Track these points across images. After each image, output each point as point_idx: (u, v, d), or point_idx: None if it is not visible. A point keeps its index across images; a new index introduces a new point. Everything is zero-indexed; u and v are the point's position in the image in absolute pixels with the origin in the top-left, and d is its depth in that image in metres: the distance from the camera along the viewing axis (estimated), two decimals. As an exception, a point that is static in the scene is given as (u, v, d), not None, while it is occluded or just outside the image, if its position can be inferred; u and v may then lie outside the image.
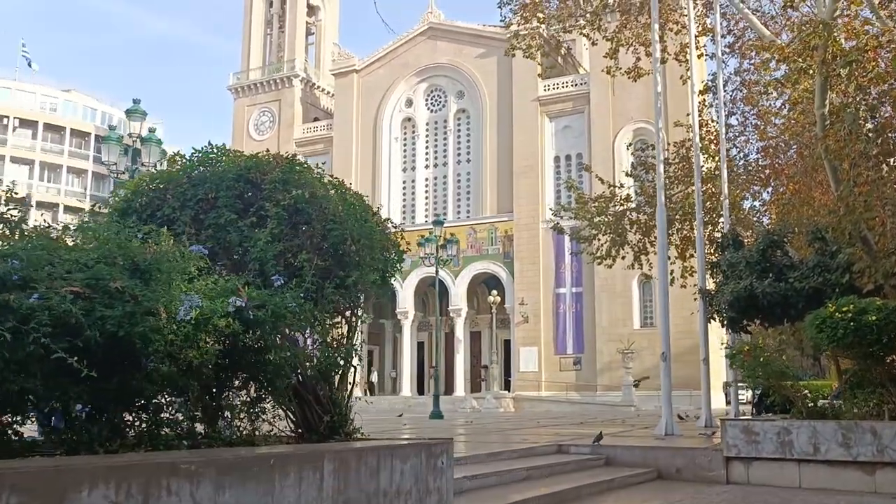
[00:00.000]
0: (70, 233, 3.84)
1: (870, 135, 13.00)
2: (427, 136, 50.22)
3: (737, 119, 21.14)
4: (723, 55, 19.71)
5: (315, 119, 55.06)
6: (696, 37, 19.59)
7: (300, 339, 4.46)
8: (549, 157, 45.50)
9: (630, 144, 30.19)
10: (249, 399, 4.11)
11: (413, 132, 50.57)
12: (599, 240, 22.73)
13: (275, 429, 4.48)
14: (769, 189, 21.25)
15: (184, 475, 2.78)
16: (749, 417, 11.99)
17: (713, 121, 20.29)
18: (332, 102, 54.28)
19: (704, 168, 20.49)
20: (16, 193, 3.72)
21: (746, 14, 18.21)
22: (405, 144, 50.87)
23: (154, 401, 3.63)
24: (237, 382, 4.07)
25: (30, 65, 67.75)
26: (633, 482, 8.86)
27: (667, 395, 12.48)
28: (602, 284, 41.21)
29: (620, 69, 20.34)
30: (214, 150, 4.86)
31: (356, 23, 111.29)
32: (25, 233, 3.62)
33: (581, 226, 23.76)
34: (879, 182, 12.80)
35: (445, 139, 49.54)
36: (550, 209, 39.49)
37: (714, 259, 15.42)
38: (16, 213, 3.60)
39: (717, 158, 18.34)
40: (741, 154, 21.49)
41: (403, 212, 49.86)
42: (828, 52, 12.57)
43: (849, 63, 11.86)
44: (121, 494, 2.63)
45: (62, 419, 3.47)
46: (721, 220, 18.06)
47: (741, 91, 20.47)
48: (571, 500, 7.31)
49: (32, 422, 3.63)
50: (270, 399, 4.22)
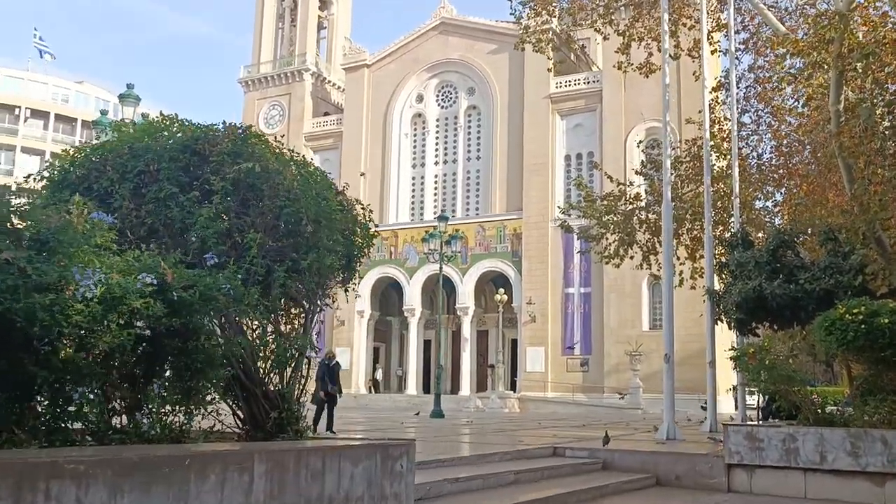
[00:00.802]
0: None
1: (886, 132, 12.59)
2: (437, 133, 49.78)
3: (750, 117, 20.79)
4: (737, 51, 19.31)
5: (325, 114, 54.73)
6: (710, 32, 19.18)
7: (257, 328, 4.09)
8: (560, 156, 44.98)
9: (641, 142, 29.65)
10: (180, 391, 3.72)
11: (423, 128, 50.16)
12: (608, 239, 22.40)
13: (219, 425, 4.10)
14: (782, 190, 20.82)
15: (69, 477, 2.37)
16: (753, 423, 11.57)
17: (726, 118, 19.86)
18: (343, 97, 53.97)
19: (716, 167, 20.07)
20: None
21: (761, 8, 17.77)
22: (415, 140, 50.45)
23: (61, 390, 3.23)
24: (168, 373, 3.69)
25: (42, 55, 67.74)
26: (629, 488, 8.48)
27: (669, 399, 12.07)
28: (611, 285, 40.70)
29: (632, 65, 20.02)
30: (164, 120, 4.48)
31: (369, 17, 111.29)
32: None
33: (589, 224, 23.36)
34: (895, 181, 12.39)
35: (455, 136, 49.10)
36: (559, 207, 39.03)
37: (724, 260, 15.01)
38: None
39: (729, 157, 17.92)
40: (754, 153, 21.10)
41: (412, 208, 49.50)
42: (844, 46, 12.13)
43: (865, 56, 11.40)
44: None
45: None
46: (732, 220, 17.64)
47: (755, 88, 20.09)
48: (560, 507, 6.94)
49: None
50: (215, 392, 3.83)
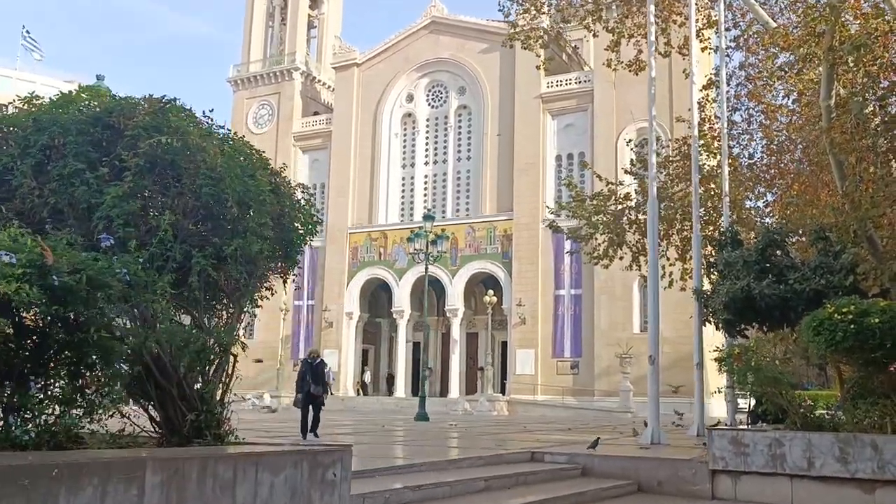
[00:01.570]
0: None
1: (878, 128, 12.28)
2: (427, 133, 49.36)
3: (741, 115, 20.52)
4: (727, 49, 19.02)
5: (315, 113, 54.26)
6: (700, 29, 18.89)
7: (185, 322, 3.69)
8: (551, 156, 44.64)
9: (630, 141, 29.38)
10: (70, 390, 3.31)
11: (413, 128, 49.74)
12: (597, 239, 22.09)
13: (133, 428, 3.71)
14: (774, 189, 20.54)
15: None
16: (738, 427, 11.21)
17: (716, 117, 19.56)
18: (333, 97, 53.52)
19: (707, 166, 19.76)
20: None
21: (752, 4, 17.47)
22: (405, 140, 50.02)
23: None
24: (63, 371, 3.28)
25: (31, 52, 67.02)
26: (609, 496, 8.10)
27: (654, 401, 11.70)
28: (602, 287, 40.36)
29: (622, 62, 19.75)
30: (82, 92, 4.07)
31: (360, 16, 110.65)
32: None
33: (579, 225, 23.03)
34: (887, 178, 12.10)
35: (446, 136, 48.69)
36: (548, 208, 38.66)
37: (713, 260, 14.69)
38: None
39: (719, 156, 17.62)
40: (745, 152, 20.82)
41: (402, 209, 49.07)
42: (835, 38, 11.81)
43: (857, 48, 11.06)
44: None
45: None
46: (722, 221, 17.34)
47: (746, 86, 19.82)
48: (531, 517, 6.56)
49: None
50: (116, 392, 3.42)
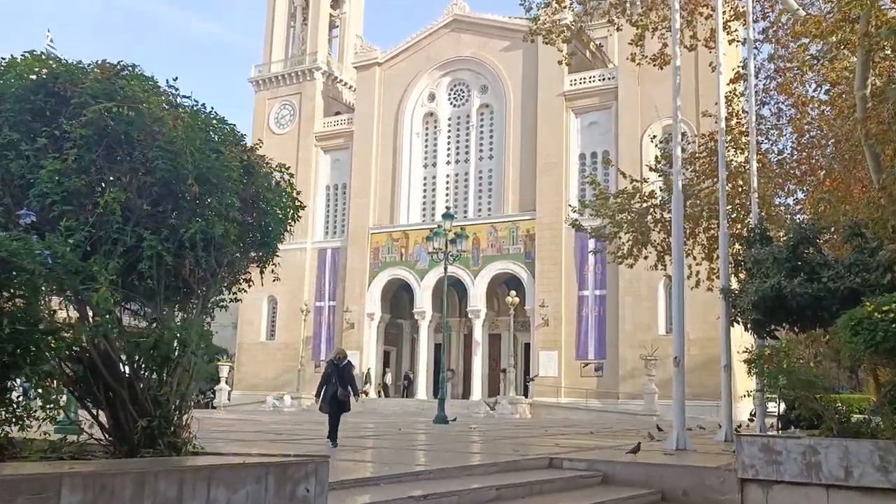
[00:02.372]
0: None
1: (918, 118, 11.65)
2: (449, 132, 48.92)
3: (770, 110, 19.90)
4: (756, 41, 18.39)
5: (336, 113, 54.08)
6: (728, 21, 18.29)
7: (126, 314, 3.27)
8: (574, 155, 43.97)
9: (655, 137, 28.72)
10: None
11: (435, 127, 49.34)
12: (621, 238, 21.56)
13: (83, 436, 3.31)
14: (804, 186, 19.86)
15: None
16: (769, 433, 10.63)
17: (744, 111, 18.94)
18: (354, 96, 53.33)
19: (735, 162, 19.14)
20: None
21: (781, -7, 16.87)
22: (426, 140, 49.63)
23: None
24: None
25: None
26: (630, 506, 7.59)
27: (679, 405, 11.17)
28: (626, 287, 39.63)
29: (646, 56, 19.23)
30: (30, 60, 3.68)
31: (382, 15, 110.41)
32: None
33: (602, 224, 22.50)
34: (928, 170, 11.45)
35: (468, 135, 48.22)
36: (570, 206, 38.05)
37: (741, 258, 14.11)
38: None
39: (748, 151, 17.02)
40: (774, 148, 20.18)
41: (423, 209, 48.69)
42: (870, 24, 11.21)
43: (894, 33, 10.46)
44: None
45: None
46: (750, 218, 16.74)
47: (775, 79, 19.19)
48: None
49: None
50: (45, 394, 3.03)
